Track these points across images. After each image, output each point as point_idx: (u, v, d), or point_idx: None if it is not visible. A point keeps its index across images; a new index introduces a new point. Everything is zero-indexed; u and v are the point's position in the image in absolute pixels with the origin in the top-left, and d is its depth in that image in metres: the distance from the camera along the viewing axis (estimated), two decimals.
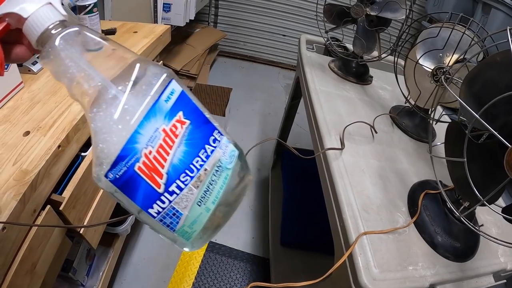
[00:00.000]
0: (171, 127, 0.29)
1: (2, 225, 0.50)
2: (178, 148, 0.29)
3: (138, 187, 0.28)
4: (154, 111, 0.28)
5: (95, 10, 0.94)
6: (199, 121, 0.31)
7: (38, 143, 0.64)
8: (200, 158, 0.31)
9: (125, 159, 0.27)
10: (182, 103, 0.30)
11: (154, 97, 0.28)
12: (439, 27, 0.76)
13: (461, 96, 0.53)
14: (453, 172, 0.59)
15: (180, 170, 0.30)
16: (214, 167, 0.32)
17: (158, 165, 0.29)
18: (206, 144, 0.31)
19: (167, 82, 0.29)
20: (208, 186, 0.32)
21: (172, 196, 0.30)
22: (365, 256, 0.56)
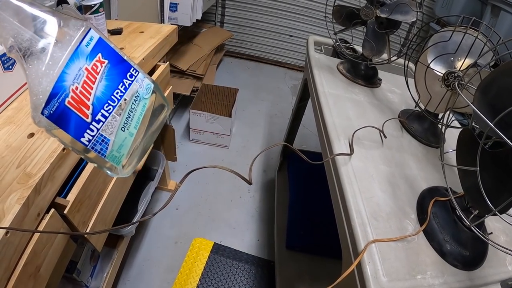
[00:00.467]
0: (92, 66, 0.35)
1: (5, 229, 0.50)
2: (100, 83, 0.35)
3: (70, 119, 0.34)
4: (77, 54, 0.33)
5: (101, 10, 0.94)
6: (116, 60, 0.37)
7: (43, 145, 0.64)
8: (120, 90, 0.37)
9: (56, 96, 0.32)
10: (100, 46, 0.36)
11: (75, 44, 0.33)
12: (452, 31, 0.75)
13: (474, 103, 0.52)
14: (464, 180, 0.58)
15: (103, 101, 0.35)
16: (133, 97, 0.38)
17: (84, 98, 0.34)
18: (124, 79, 0.37)
19: (86, 31, 0.35)
20: (129, 113, 0.38)
21: (99, 124, 0.35)
22: (374, 265, 0.55)
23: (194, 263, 1.46)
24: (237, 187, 1.90)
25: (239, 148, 2.21)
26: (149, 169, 1.47)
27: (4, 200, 0.53)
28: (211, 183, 1.90)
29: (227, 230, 1.66)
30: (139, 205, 1.27)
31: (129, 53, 1.02)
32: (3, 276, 0.52)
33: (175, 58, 2.35)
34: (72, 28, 0.34)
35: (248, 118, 2.52)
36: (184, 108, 2.47)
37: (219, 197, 1.84)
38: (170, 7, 1.89)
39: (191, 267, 1.45)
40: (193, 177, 1.94)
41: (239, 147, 2.22)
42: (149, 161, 1.48)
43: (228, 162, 2.06)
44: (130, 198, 1.18)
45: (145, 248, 1.52)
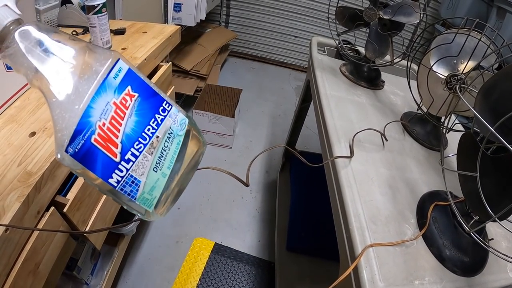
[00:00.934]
0: (121, 100, 0.32)
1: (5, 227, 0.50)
2: (130, 119, 0.33)
3: (96, 158, 0.31)
4: (104, 87, 0.31)
5: (104, 10, 0.94)
6: (147, 93, 0.34)
7: (44, 144, 0.64)
8: (151, 126, 0.34)
9: (81, 133, 0.30)
10: (129, 78, 0.33)
11: (103, 76, 0.31)
12: (454, 33, 0.74)
13: (476, 107, 0.51)
14: (464, 186, 0.57)
15: (133, 138, 0.33)
16: (166, 134, 0.35)
17: (112, 135, 0.31)
18: (156, 114, 0.35)
19: (114, 61, 0.32)
20: (162, 152, 0.35)
21: (128, 164, 0.33)
22: (371, 269, 0.54)
23: (195, 262, 1.46)
24: (239, 188, 1.90)
25: (242, 148, 2.21)
26: None
27: (4, 197, 0.53)
28: (213, 183, 1.90)
29: (228, 230, 1.66)
30: None
31: (132, 53, 1.02)
32: (2, 272, 0.53)
33: (179, 58, 2.36)
34: (99, 58, 0.32)
35: (251, 118, 2.52)
36: (188, 108, 2.47)
37: (221, 197, 1.84)
38: (174, 7, 1.89)
39: (191, 267, 1.44)
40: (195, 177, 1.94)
41: (242, 147, 2.22)
42: None
43: (230, 163, 2.06)
44: None
45: (146, 247, 1.52)
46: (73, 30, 1.12)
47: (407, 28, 2.39)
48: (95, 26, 0.95)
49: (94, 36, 0.97)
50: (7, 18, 0.30)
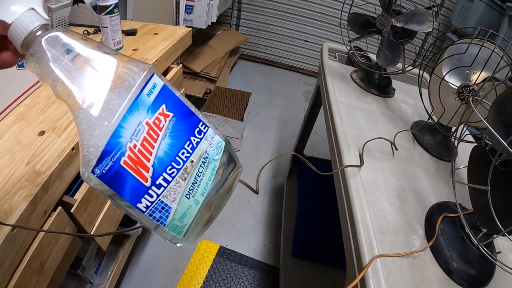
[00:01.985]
0: (154, 120, 0.29)
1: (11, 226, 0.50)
2: (163, 141, 0.30)
3: (125, 181, 0.29)
4: (136, 105, 0.29)
5: (116, 11, 0.95)
6: (183, 113, 0.32)
7: (53, 144, 0.64)
8: (186, 150, 0.31)
9: (110, 154, 0.28)
10: (164, 96, 0.31)
11: (135, 92, 0.29)
12: (468, 43, 0.73)
13: (489, 120, 0.50)
14: (474, 198, 0.57)
15: (166, 162, 0.30)
16: (201, 158, 0.32)
17: (144, 158, 0.29)
18: (191, 136, 0.32)
19: (148, 77, 0.30)
20: (196, 178, 0.32)
21: (159, 190, 0.30)
22: (378, 280, 0.53)
23: (199, 265, 1.46)
24: (246, 191, 1.89)
25: (250, 152, 2.21)
26: None
27: (12, 196, 0.53)
28: None
29: (233, 234, 1.66)
30: None
31: (143, 54, 1.03)
32: (7, 271, 0.53)
33: (189, 60, 2.37)
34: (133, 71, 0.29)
35: (260, 122, 2.52)
36: None
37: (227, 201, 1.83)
38: (186, 9, 1.90)
39: (195, 269, 1.44)
40: None
41: (250, 151, 2.22)
42: None
43: None
44: None
45: (151, 248, 1.53)
46: (84, 30, 1.13)
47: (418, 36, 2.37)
48: (107, 27, 0.96)
49: (106, 36, 0.98)
50: (34, 23, 0.28)
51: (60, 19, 1.13)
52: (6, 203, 0.52)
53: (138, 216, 0.31)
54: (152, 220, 0.31)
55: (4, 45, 0.31)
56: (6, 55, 0.31)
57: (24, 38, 0.28)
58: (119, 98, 0.28)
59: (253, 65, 3.41)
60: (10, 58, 0.32)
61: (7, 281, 0.53)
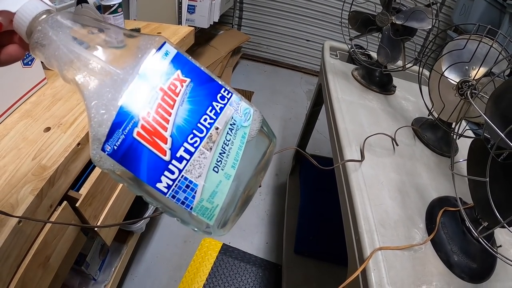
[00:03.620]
0: (169, 85, 0.27)
1: (18, 218, 0.51)
2: (181, 107, 0.27)
3: (141, 157, 0.25)
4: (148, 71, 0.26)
5: (120, 10, 0.95)
6: (201, 78, 0.29)
7: (58, 139, 0.66)
8: (209, 116, 0.28)
9: (121, 125, 0.25)
10: (178, 63, 0.28)
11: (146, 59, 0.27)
12: (466, 39, 0.74)
13: (486, 113, 0.51)
14: (474, 191, 0.57)
15: (186, 131, 0.27)
16: (227, 125, 0.29)
17: (160, 127, 0.26)
18: (213, 101, 0.29)
19: (159, 44, 0.28)
20: (223, 147, 0.28)
21: (181, 164, 0.26)
22: (379, 272, 0.54)
23: (202, 262, 1.47)
24: None
25: None
26: None
27: (18, 190, 0.54)
28: None
29: (236, 231, 1.67)
30: None
31: None
32: (13, 263, 0.54)
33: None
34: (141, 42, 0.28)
35: None
36: None
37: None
38: (188, 9, 1.91)
39: (198, 267, 1.45)
40: None
41: None
42: None
43: None
44: None
45: (155, 245, 1.54)
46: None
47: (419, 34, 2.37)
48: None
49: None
50: (37, 9, 0.28)
51: None
52: (13, 197, 0.53)
53: (160, 200, 0.27)
54: (176, 203, 0.27)
55: (10, 39, 0.31)
56: (13, 48, 0.31)
57: (28, 24, 0.28)
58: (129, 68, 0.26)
59: (255, 64, 3.41)
60: (17, 51, 0.31)
61: (12, 273, 0.54)
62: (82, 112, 0.73)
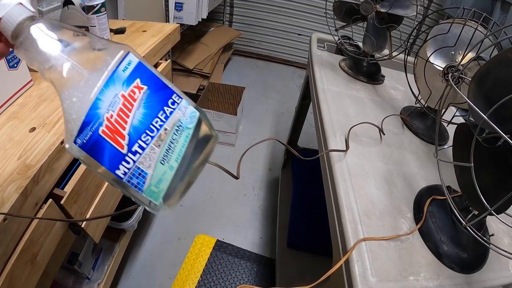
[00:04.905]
0: (129, 92, 0.32)
1: (3, 216, 0.52)
2: (137, 111, 0.33)
3: (104, 149, 0.32)
4: (112, 79, 0.32)
5: (103, 10, 0.95)
6: (157, 86, 0.34)
7: (43, 139, 0.66)
8: (159, 118, 0.34)
9: (89, 124, 0.31)
10: (139, 71, 0.34)
11: (111, 69, 0.32)
12: (450, 23, 0.72)
13: (469, 95, 0.49)
14: (461, 178, 0.56)
15: (140, 130, 0.33)
16: (174, 126, 0.35)
17: (120, 127, 0.32)
18: (164, 106, 0.34)
19: (124, 54, 0.33)
20: (169, 144, 0.35)
21: (135, 156, 0.33)
22: (363, 264, 0.53)
23: (196, 259, 1.46)
24: (242, 185, 1.90)
25: (245, 146, 2.19)
26: None
27: (4, 189, 0.55)
28: (216, 180, 1.90)
29: (230, 227, 1.66)
30: None
31: None
32: (0, 260, 0.54)
33: (182, 57, 2.36)
34: (110, 52, 0.33)
35: (255, 117, 2.51)
36: None
37: (224, 195, 1.83)
38: (176, 6, 1.90)
39: (193, 263, 1.44)
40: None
41: (245, 145, 2.21)
42: None
43: (233, 160, 2.05)
44: None
45: (149, 243, 1.53)
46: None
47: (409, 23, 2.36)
48: (95, 26, 0.96)
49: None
50: (22, 15, 0.32)
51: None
52: None
53: (118, 184, 0.34)
54: (131, 186, 0.33)
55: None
56: None
57: (14, 28, 0.32)
58: (98, 75, 0.32)
59: (248, 60, 3.40)
60: (2, 48, 0.35)
61: (0, 270, 0.55)
62: None
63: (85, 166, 0.33)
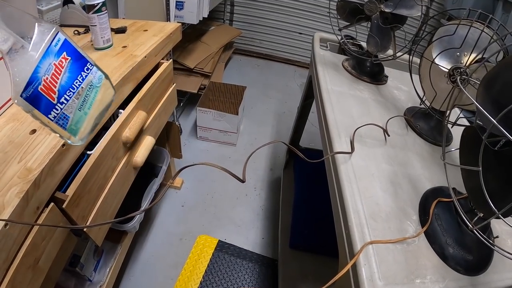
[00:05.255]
0: (59, 62, 0.45)
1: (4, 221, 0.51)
2: (64, 75, 0.46)
3: (41, 100, 0.44)
4: (47, 52, 0.44)
5: (104, 9, 0.94)
6: (77, 57, 0.48)
7: (44, 141, 0.65)
8: (78, 80, 0.48)
9: (32, 83, 0.43)
10: (65, 46, 0.46)
11: (47, 44, 0.44)
12: (456, 24, 0.72)
13: (478, 99, 0.49)
14: (467, 181, 0.56)
15: (66, 88, 0.47)
16: (88, 85, 0.50)
17: (52, 86, 0.45)
18: (82, 72, 0.49)
19: (55, 33, 0.45)
20: (85, 98, 0.49)
21: (62, 105, 0.47)
22: (370, 267, 0.53)
23: (198, 260, 1.46)
24: (243, 185, 1.89)
25: (246, 146, 2.20)
26: (153, 166, 1.46)
27: (4, 193, 0.54)
28: (218, 180, 1.89)
29: (232, 227, 1.66)
30: (142, 201, 1.27)
31: (132, 51, 1.02)
32: (2, 266, 0.53)
33: (183, 56, 2.35)
34: (45, 30, 0.44)
35: (256, 116, 2.51)
36: (192, 105, 2.47)
37: (225, 195, 1.83)
38: (176, 5, 1.88)
39: (195, 264, 1.44)
40: (199, 174, 1.93)
41: (246, 145, 2.21)
42: (153, 158, 1.48)
43: (235, 160, 2.05)
44: (134, 194, 1.18)
45: (150, 244, 1.53)
46: (75, 30, 1.12)
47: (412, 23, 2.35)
48: (95, 25, 0.95)
49: (95, 34, 0.97)
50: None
51: (51, 21, 1.11)
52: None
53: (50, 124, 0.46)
54: (58, 125, 0.47)
55: None
56: None
57: None
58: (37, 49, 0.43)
59: (248, 59, 3.39)
60: None
61: (1, 277, 0.54)
62: None
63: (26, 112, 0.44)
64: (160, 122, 1.16)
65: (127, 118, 0.88)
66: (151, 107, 1.06)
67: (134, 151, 0.96)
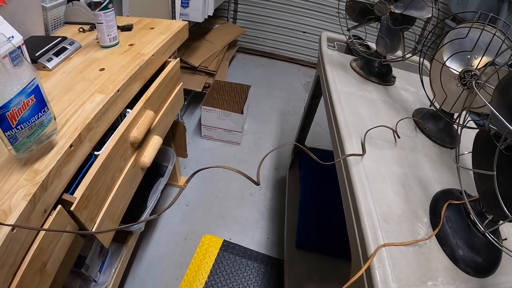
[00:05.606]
0: (27, 101, 0.55)
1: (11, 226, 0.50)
2: (26, 111, 0.56)
3: (4, 122, 0.52)
4: (22, 91, 0.54)
5: (110, 6, 0.93)
6: (41, 100, 0.58)
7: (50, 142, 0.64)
8: (35, 118, 0.57)
9: (3, 108, 0.51)
10: (36, 90, 0.57)
11: (23, 85, 0.54)
12: (469, 27, 0.72)
13: (492, 103, 0.49)
14: (480, 184, 0.56)
15: (24, 120, 0.55)
16: (39, 123, 0.58)
17: (16, 115, 0.54)
18: (39, 112, 0.58)
19: (31, 79, 0.56)
20: (34, 131, 0.58)
21: (18, 130, 0.55)
22: (384, 270, 0.53)
23: (203, 259, 1.46)
24: (248, 185, 1.89)
25: (250, 145, 2.20)
26: (159, 165, 1.47)
27: (11, 196, 0.53)
28: (222, 180, 1.90)
29: (237, 227, 1.66)
30: (148, 201, 1.27)
31: (139, 49, 1.01)
32: (9, 271, 0.52)
33: (187, 54, 2.35)
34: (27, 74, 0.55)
35: (260, 115, 2.51)
36: (196, 104, 2.47)
37: (230, 194, 1.83)
38: (182, 3, 1.88)
39: (200, 264, 1.44)
40: (204, 174, 1.91)
41: (251, 144, 2.21)
42: (159, 158, 1.48)
43: (239, 159, 2.06)
44: (140, 194, 1.18)
45: (155, 244, 1.53)
46: (80, 27, 1.11)
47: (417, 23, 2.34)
48: (102, 23, 0.94)
49: (101, 32, 0.96)
50: None
51: (55, 18, 1.11)
52: (5, 203, 0.52)
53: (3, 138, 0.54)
54: (10, 142, 0.55)
55: None
56: None
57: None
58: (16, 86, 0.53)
59: (252, 58, 3.39)
60: None
61: (9, 281, 0.53)
62: (74, 113, 0.71)
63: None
64: (167, 121, 1.16)
65: (135, 117, 0.88)
66: (158, 106, 1.06)
67: (142, 151, 0.96)
